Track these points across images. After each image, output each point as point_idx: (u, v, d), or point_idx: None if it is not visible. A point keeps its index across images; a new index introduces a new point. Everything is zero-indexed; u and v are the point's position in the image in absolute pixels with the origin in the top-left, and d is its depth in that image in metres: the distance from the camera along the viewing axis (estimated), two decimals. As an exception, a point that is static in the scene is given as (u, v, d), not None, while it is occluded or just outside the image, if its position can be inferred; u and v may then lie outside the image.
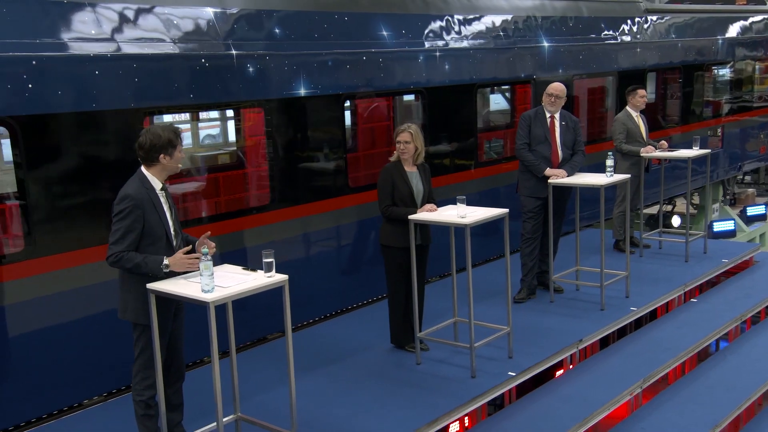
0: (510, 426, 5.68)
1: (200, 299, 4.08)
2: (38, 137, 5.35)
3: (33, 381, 5.44)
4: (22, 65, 5.20)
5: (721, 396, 6.51)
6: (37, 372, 5.47)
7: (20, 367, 5.41)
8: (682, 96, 13.23)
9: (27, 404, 5.44)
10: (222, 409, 4.34)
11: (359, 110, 8.84)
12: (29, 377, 5.43)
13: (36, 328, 5.48)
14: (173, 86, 6.14)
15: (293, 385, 4.63)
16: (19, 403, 5.38)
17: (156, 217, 4.40)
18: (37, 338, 5.47)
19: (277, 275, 4.42)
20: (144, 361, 4.52)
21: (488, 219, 6.10)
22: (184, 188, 7.26)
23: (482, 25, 9.16)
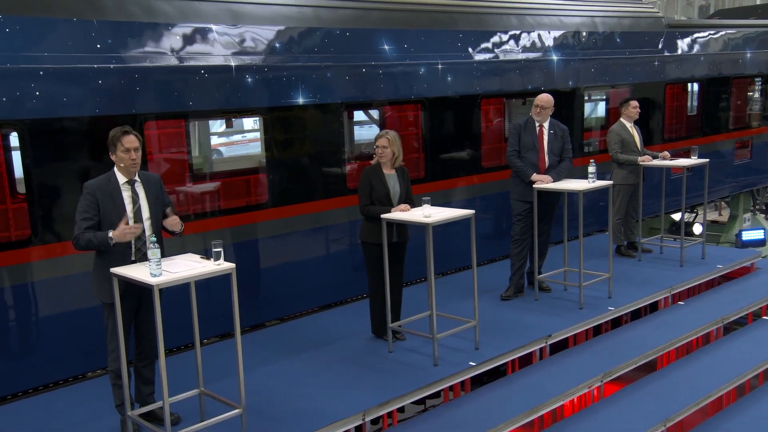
0: (465, 411, 5.77)
1: (147, 282, 4.35)
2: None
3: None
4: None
5: (681, 394, 6.41)
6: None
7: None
8: (720, 106, 13.07)
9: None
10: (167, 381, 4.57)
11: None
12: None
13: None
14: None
15: (240, 363, 4.81)
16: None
17: (112, 206, 4.72)
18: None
19: (225, 264, 4.66)
20: (109, 338, 4.82)
21: (451, 219, 6.24)
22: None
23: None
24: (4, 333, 5.79)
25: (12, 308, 5.81)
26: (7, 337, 5.82)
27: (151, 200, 4.93)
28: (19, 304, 5.85)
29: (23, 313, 5.89)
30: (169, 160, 6.97)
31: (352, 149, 9.26)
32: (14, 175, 6.61)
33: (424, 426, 5.53)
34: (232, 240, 6.97)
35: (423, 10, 8.70)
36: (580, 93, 10.44)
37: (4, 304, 5.78)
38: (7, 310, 5.80)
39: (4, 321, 5.77)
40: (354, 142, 9.75)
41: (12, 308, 5.81)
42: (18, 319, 5.86)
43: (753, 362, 7.03)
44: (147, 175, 5.00)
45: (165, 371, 4.50)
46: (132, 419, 4.84)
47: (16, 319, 5.84)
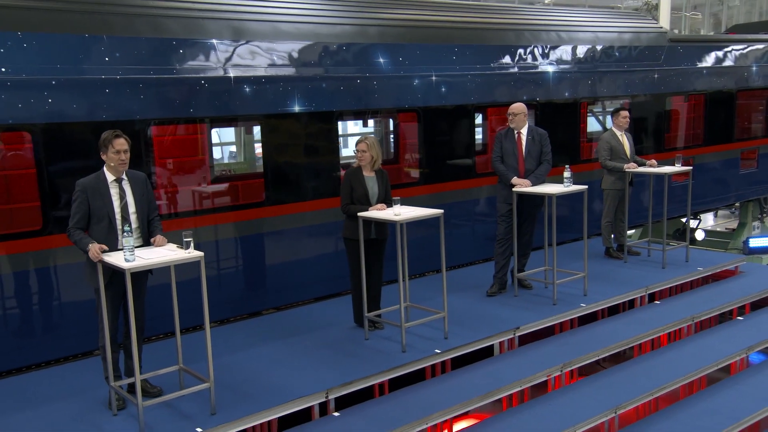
0: (422, 394, 5.95)
1: (120, 267, 4.70)
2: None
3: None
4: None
5: (639, 384, 6.49)
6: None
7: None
8: (727, 117, 13.12)
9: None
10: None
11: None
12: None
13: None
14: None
15: (209, 344, 5.12)
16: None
17: (101, 203, 5.09)
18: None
19: (194, 252, 4.98)
20: (99, 317, 5.19)
21: (420, 218, 6.45)
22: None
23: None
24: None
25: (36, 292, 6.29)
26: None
27: (137, 196, 5.29)
28: (34, 289, 6.30)
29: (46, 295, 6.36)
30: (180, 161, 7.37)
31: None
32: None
33: (384, 405, 5.76)
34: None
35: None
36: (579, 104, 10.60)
37: (25, 289, 6.25)
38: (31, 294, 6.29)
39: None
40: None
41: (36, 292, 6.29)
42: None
43: (714, 358, 7.06)
44: (134, 174, 5.36)
45: (136, 347, 4.89)
46: (114, 389, 5.20)
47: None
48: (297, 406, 5.45)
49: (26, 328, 6.34)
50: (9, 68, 6.03)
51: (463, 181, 9.41)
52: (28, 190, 6.28)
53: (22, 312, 6.31)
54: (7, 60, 6.04)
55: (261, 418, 5.26)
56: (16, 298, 6.27)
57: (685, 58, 12.28)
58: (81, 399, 5.55)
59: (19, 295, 6.27)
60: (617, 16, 12.56)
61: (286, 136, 7.70)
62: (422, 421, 5.48)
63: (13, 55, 6.08)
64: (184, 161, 7.24)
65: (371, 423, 5.42)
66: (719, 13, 32.37)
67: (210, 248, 7.21)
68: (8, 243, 6.13)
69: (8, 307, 6.23)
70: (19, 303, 6.29)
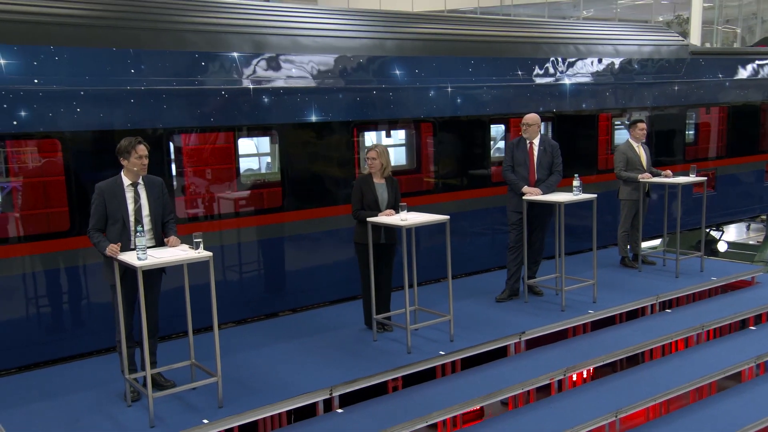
0: (427, 393, 6.04)
1: (133, 264, 4.91)
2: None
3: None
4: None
5: (642, 389, 6.48)
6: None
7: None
8: (751, 129, 13.04)
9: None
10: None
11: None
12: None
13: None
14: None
15: (217, 340, 5.29)
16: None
17: (116, 205, 5.32)
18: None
19: (203, 252, 5.16)
20: (115, 314, 5.40)
21: (426, 223, 6.54)
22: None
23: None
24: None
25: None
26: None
27: (151, 200, 5.51)
28: (63, 286, 6.58)
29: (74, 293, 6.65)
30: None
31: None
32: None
33: (387, 403, 5.86)
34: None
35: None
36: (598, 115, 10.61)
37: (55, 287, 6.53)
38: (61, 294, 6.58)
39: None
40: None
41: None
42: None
43: (721, 366, 6.99)
44: (150, 178, 5.58)
45: (146, 341, 5.08)
46: (129, 382, 5.40)
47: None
48: (301, 402, 5.59)
49: (54, 323, 6.60)
50: (41, 79, 6.32)
51: (481, 190, 9.49)
52: (58, 195, 6.56)
53: (51, 308, 6.59)
54: (40, 71, 6.34)
55: (265, 412, 5.40)
56: (46, 295, 6.55)
57: (707, 70, 12.17)
58: (99, 391, 5.76)
59: (48, 291, 6.55)
60: (638, 29, 12.50)
61: (304, 144, 7.87)
62: (422, 419, 5.56)
63: (46, 67, 6.37)
64: (204, 168, 7.45)
65: (372, 420, 5.52)
66: (754, 27, 31.80)
67: (230, 251, 7.44)
68: (41, 243, 6.42)
69: (39, 303, 6.51)
70: (49, 299, 6.57)
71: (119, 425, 5.16)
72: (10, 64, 6.23)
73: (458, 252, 9.11)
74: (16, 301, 6.36)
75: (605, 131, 11.07)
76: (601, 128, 10.89)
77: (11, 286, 6.32)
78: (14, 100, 6.18)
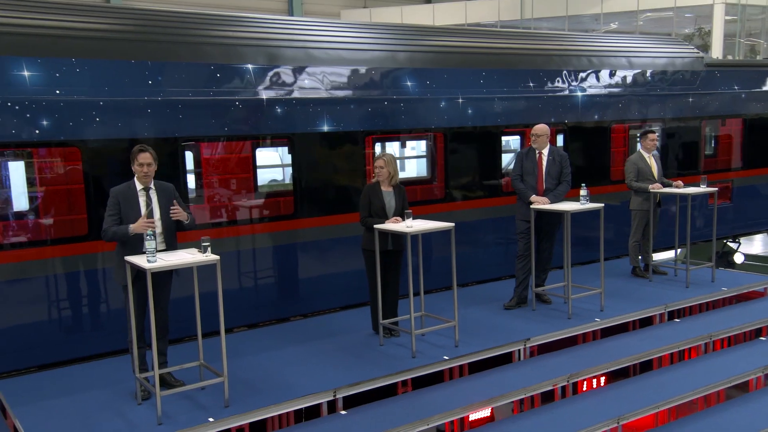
0: (428, 398, 6.09)
1: (143, 267, 5.05)
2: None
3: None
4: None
5: (646, 396, 6.46)
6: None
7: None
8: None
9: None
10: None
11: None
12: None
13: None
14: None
15: (223, 341, 5.42)
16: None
17: (129, 209, 5.48)
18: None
19: (211, 256, 5.29)
20: (127, 315, 5.55)
21: (430, 230, 6.62)
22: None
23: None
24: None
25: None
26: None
27: (163, 204, 5.67)
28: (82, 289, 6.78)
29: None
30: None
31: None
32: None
33: (390, 406, 5.92)
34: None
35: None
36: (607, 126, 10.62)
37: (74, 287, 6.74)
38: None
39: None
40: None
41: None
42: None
43: (727, 375, 6.95)
44: (161, 184, 5.74)
45: (155, 341, 5.22)
46: (139, 380, 5.55)
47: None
48: (304, 403, 5.68)
49: (72, 324, 6.78)
50: (63, 90, 6.54)
51: (494, 199, 9.54)
52: (78, 202, 6.76)
53: (69, 310, 6.78)
54: (61, 83, 6.55)
55: (269, 412, 5.50)
56: (67, 296, 6.75)
57: (722, 82, 12.11)
58: (112, 390, 5.91)
59: (69, 292, 6.75)
60: (653, 41, 12.49)
61: (317, 154, 8.01)
62: (423, 421, 5.62)
63: (67, 78, 6.59)
64: (218, 176, 7.61)
65: (374, 421, 5.59)
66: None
67: (242, 257, 7.59)
68: (62, 246, 6.63)
69: (59, 305, 6.71)
70: (69, 300, 6.77)
71: (128, 422, 5.29)
72: (34, 75, 6.46)
73: (472, 260, 9.21)
74: (35, 303, 6.55)
75: (622, 143, 11.06)
76: (618, 140, 10.89)
77: (28, 289, 6.52)
78: (37, 110, 6.40)
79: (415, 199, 8.68)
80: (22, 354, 6.47)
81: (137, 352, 5.56)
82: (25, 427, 5.29)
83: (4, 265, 6.38)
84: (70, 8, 7.15)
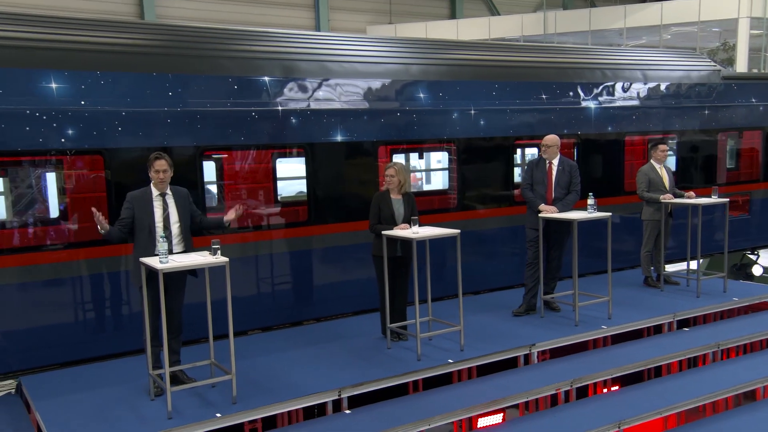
0: (431, 400, 6.19)
1: (155, 267, 5.26)
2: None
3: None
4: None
5: (648, 403, 6.47)
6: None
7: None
8: None
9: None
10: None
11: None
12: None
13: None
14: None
15: (232, 340, 5.59)
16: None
17: (144, 213, 5.70)
18: None
19: (220, 258, 5.48)
20: (142, 314, 5.76)
21: (436, 236, 6.73)
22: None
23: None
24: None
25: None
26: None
27: (179, 208, 5.89)
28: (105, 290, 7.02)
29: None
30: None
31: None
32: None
33: (394, 406, 6.03)
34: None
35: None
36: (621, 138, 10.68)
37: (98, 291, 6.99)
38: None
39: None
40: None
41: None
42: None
43: (733, 383, 6.92)
44: (177, 189, 5.96)
45: (166, 340, 5.42)
46: (152, 377, 5.74)
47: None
48: (309, 402, 5.83)
49: (94, 324, 7.03)
50: (87, 101, 6.81)
51: (510, 208, 9.63)
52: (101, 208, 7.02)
53: (92, 310, 7.04)
54: (86, 94, 6.83)
55: (276, 409, 5.66)
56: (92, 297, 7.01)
57: (739, 95, 12.06)
58: (128, 386, 6.11)
59: (94, 294, 7.00)
60: (670, 55, 12.48)
61: (332, 163, 8.19)
62: (424, 421, 5.72)
63: (91, 90, 6.86)
64: (233, 183, 7.84)
65: (376, 420, 5.71)
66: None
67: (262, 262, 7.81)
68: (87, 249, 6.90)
69: (84, 306, 6.96)
70: (93, 302, 7.03)
71: (140, 416, 5.48)
72: (61, 87, 6.74)
73: (486, 268, 9.30)
74: (59, 303, 6.81)
75: (641, 155, 11.07)
76: (637, 152, 10.91)
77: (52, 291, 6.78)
78: (63, 119, 6.68)
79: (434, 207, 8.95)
80: (46, 351, 6.72)
81: (151, 351, 5.74)
82: (44, 420, 5.51)
83: (24, 268, 6.64)
84: (97, 24, 7.46)
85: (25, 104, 6.54)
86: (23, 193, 6.72)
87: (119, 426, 5.32)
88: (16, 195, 6.69)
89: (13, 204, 6.70)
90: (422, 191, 10.58)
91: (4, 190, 6.83)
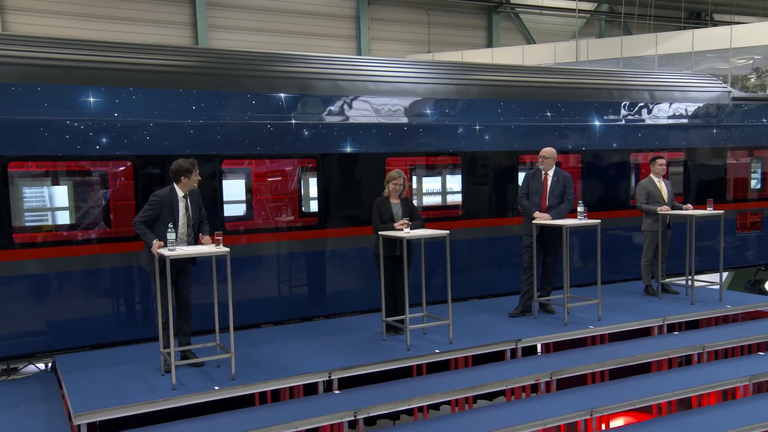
0: (415, 385, 6.54)
1: (165, 254, 5.80)
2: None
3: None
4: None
5: (623, 393, 6.67)
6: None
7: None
8: None
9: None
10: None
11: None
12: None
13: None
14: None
15: (231, 322, 6.06)
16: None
17: (170, 210, 6.29)
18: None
19: (222, 248, 5.99)
20: (156, 297, 6.30)
21: (425, 237, 7.11)
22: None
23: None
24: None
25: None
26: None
27: (194, 207, 6.47)
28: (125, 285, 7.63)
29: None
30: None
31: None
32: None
33: (381, 389, 6.40)
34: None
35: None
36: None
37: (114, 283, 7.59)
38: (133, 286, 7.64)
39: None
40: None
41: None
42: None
43: (711, 381, 7.04)
44: (192, 191, 6.54)
45: (171, 320, 5.95)
46: (163, 355, 6.26)
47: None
48: (300, 381, 6.25)
49: (123, 312, 7.63)
50: (120, 113, 7.48)
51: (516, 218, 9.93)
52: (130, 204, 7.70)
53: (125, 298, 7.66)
54: (120, 108, 7.51)
55: (269, 386, 6.11)
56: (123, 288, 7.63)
57: (749, 115, 12.11)
58: (145, 365, 6.64)
59: (123, 285, 7.62)
60: (682, 76, 12.62)
61: (343, 172, 8.68)
62: (405, 402, 6.08)
63: (124, 104, 7.54)
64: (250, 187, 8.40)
65: (361, 400, 6.09)
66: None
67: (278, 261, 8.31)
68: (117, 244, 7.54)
69: (113, 295, 7.58)
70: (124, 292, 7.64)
71: (149, 387, 5.99)
72: (98, 101, 7.43)
73: (492, 275, 9.61)
74: (89, 292, 7.44)
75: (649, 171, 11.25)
76: (645, 167, 11.09)
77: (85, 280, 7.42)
78: (98, 129, 7.35)
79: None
80: (80, 334, 7.34)
81: (163, 332, 6.27)
82: (67, 389, 6.07)
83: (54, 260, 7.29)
84: (131, 47, 8.17)
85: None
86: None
87: (129, 394, 5.83)
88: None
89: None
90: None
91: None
